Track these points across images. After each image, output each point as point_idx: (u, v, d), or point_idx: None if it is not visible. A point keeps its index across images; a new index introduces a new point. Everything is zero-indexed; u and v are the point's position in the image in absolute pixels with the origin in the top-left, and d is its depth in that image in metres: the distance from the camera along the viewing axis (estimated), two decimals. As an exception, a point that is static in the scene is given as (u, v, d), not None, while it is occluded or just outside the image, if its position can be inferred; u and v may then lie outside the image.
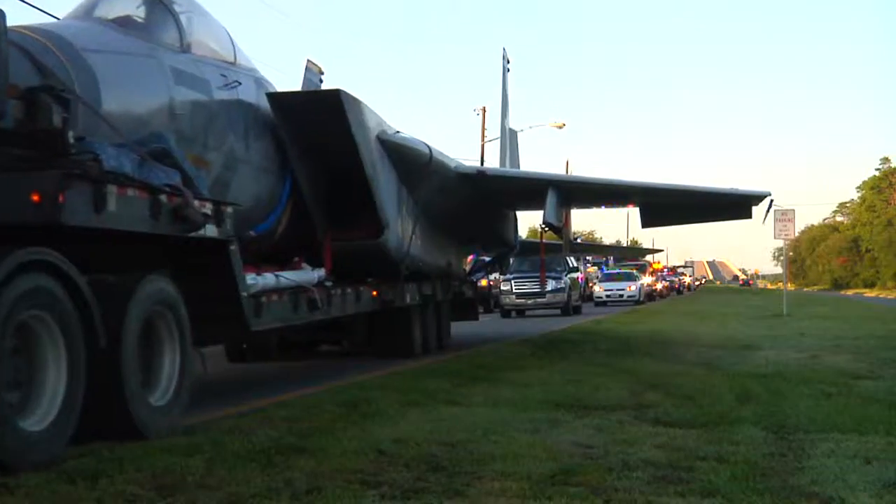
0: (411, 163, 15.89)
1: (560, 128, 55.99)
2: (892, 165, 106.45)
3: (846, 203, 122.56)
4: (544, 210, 18.21)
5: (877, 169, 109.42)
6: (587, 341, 20.52)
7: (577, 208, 23.62)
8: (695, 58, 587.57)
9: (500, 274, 37.81)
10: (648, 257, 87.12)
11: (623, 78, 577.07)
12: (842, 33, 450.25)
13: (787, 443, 8.00)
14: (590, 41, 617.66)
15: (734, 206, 20.43)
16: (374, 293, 15.25)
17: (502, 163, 29.79)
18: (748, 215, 20.49)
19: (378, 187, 14.42)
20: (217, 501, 6.13)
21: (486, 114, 49.10)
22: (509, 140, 30.17)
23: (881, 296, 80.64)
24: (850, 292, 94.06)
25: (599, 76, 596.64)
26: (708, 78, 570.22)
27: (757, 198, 19.81)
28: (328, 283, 13.43)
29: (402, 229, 15.67)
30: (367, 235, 14.57)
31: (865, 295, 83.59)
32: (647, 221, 21.52)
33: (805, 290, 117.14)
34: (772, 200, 19.84)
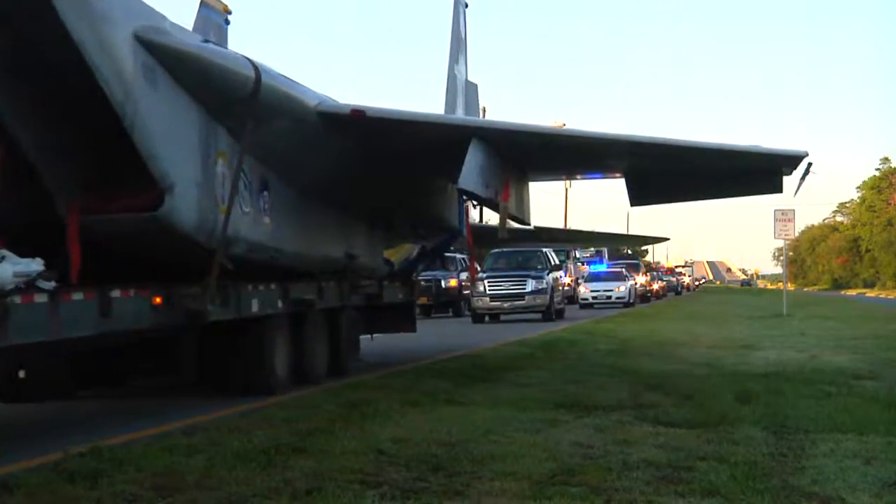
0: (222, 89, 10.20)
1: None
2: (892, 165, 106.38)
3: (846, 203, 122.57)
4: (462, 170, 12.26)
5: (877, 169, 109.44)
6: (586, 342, 20.52)
7: (535, 179, 17.48)
8: (694, 57, 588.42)
9: (443, 267, 33.34)
10: (649, 257, 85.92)
11: (619, 79, 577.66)
12: (842, 33, 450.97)
13: (787, 443, 8.01)
14: (588, 41, 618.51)
15: (758, 173, 14.49)
16: (158, 300, 9.82)
17: None
18: (777, 188, 14.58)
19: (143, 123, 8.99)
20: (217, 501, 6.14)
21: (485, 114, 48.98)
22: (463, 92, 21.96)
23: (881, 296, 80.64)
24: (852, 292, 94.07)
25: (594, 82, 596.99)
26: (706, 78, 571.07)
27: (790, 160, 13.76)
28: (46, 286, 8.15)
29: (208, 196, 10.19)
30: (139, 205, 9.41)
31: (867, 295, 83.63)
32: (638, 196, 15.42)
33: (805, 290, 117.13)
34: (810, 164, 13.74)
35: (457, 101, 21.43)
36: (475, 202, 14.67)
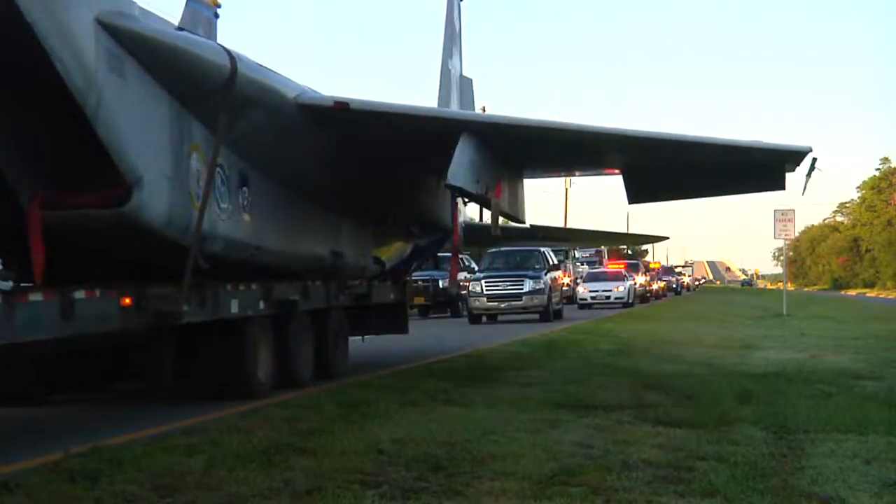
0: (195, 79, 9.69)
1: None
2: (892, 165, 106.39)
3: (846, 203, 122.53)
4: (450, 165, 11.86)
5: (877, 169, 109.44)
6: (586, 342, 20.52)
7: (531, 176, 16.86)
8: (693, 56, 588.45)
9: (435, 267, 32.14)
10: (649, 257, 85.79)
11: (620, 78, 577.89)
12: (843, 33, 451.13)
13: (787, 443, 8.01)
14: (588, 39, 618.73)
15: (760, 169, 14.05)
16: (127, 301, 9.16)
17: None
18: (779, 184, 14.26)
19: (107, 113, 8.45)
20: (217, 501, 6.14)
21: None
22: (458, 87, 21.45)
23: (881, 296, 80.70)
24: (852, 292, 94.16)
25: (594, 81, 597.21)
26: (706, 77, 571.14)
27: (794, 155, 13.26)
28: (2, 286, 8.10)
29: (181, 190, 9.64)
30: (105, 201, 8.81)
31: (867, 295, 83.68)
32: (636, 194, 15.13)
33: (805, 289, 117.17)
34: (815, 160, 13.24)
35: (451, 95, 20.80)
36: (465, 199, 14.03)
